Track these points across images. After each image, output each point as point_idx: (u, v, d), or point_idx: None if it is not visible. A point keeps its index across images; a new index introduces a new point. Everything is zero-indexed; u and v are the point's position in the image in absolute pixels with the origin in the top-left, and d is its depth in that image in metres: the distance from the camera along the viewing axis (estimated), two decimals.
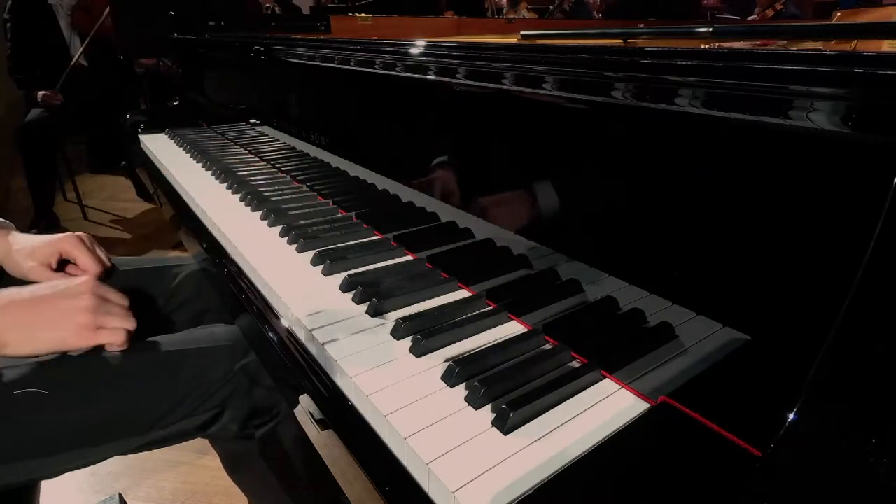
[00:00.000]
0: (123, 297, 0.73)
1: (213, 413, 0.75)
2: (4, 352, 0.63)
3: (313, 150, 1.14)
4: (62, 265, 0.84)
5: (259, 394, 0.78)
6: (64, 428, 0.67)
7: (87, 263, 0.84)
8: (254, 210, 0.97)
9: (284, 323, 0.66)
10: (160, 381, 0.73)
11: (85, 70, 3.18)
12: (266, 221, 0.91)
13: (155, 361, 0.74)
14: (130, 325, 0.71)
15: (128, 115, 1.78)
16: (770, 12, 2.90)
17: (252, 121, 1.48)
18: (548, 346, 0.56)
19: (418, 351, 0.55)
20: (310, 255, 0.77)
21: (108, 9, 3.03)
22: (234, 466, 0.94)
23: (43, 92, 2.99)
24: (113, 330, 0.69)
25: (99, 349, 0.71)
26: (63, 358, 0.69)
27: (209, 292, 0.97)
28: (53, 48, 3.08)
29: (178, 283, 0.96)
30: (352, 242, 0.82)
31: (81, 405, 0.68)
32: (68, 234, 0.84)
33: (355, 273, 0.71)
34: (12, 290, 0.66)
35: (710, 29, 0.64)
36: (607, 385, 0.50)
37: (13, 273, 0.83)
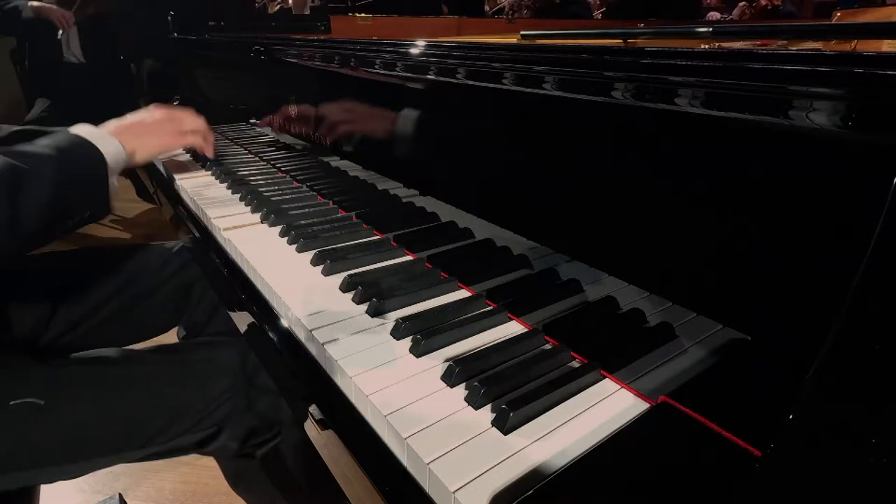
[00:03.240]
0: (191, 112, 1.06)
1: (210, 431, 0.75)
2: (134, 158, 0.88)
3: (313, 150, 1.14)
4: None
5: (260, 412, 0.78)
6: (59, 440, 0.66)
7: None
8: (254, 210, 0.97)
9: (284, 323, 0.66)
10: (158, 396, 0.73)
11: (82, 68, 3.16)
12: (266, 222, 0.91)
13: (153, 375, 0.75)
14: (201, 125, 1.06)
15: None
16: (764, 1, 2.86)
17: (252, 121, 1.48)
18: (548, 346, 0.56)
19: (418, 351, 0.55)
20: (310, 255, 0.77)
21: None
22: (236, 480, 0.94)
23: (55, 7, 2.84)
24: (194, 133, 1.04)
25: (98, 357, 0.74)
26: (60, 367, 0.70)
27: (195, 266, 1.03)
28: (48, 46, 3.07)
29: (166, 259, 1.02)
30: (352, 242, 0.82)
31: (77, 417, 0.68)
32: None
33: (355, 273, 0.71)
34: (113, 121, 0.92)
35: (710, 29, 0.64)
36: (607, 385, 0.50)
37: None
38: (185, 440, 0.74)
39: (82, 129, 0.81)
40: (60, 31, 2.99)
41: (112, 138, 0.82)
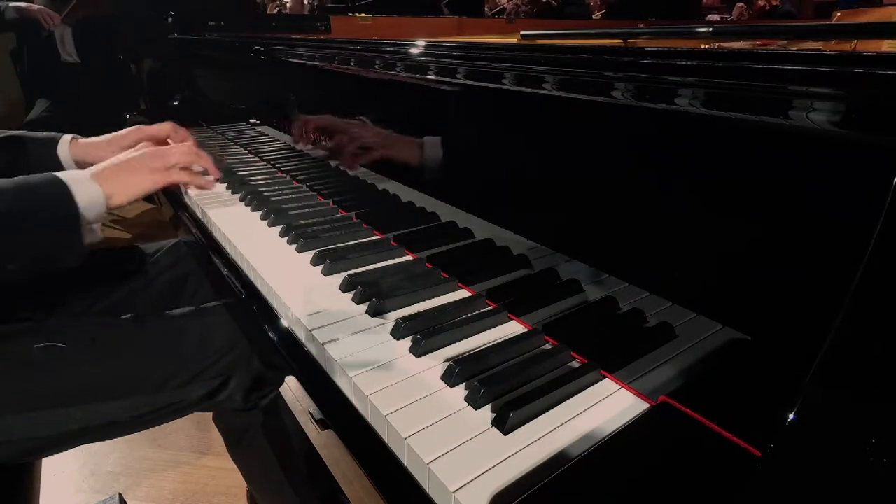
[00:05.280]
0: (182, 145, 0.94)
1: (219, 380, 0.78)
2: (112, 201, 0.79)
3: (313, 150, 1.14)
4: None
5: (261, 362, 0.80)
6: (78, 380, 0.71)
7: (156, 129, 1.03)
8: (254, 210, 0.97)
9: (284, 323, 0.66)
10: (167, 342, 0.78)
11: (79, 68, 3.15)
12: (266, 221, 0.91)
13: (161, 327, 0.80)
14: (189, 156, 0.91)
15: (128, 115, 1.78)
16: (762, 1, 2.86)
17: (252, 121, 1.48)
18: (548, 346, 0.56)
19: (418, 351, 0.55)
20: (310, 255, 0.77)
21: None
22: (236, 442, 0.96)
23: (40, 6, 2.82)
24: (179, 169, 0.89)
25: (114, 313, 0.81)
26: (79, 318, 0.78)
27: (189, 259, 1.04)
28: (45, 47, 3.06)
29: (161, 255, 1.04)
30: (352, 242, 0.82)
31: (94, 360, 0.73)
32: (134, 127, 1.03)
33: (355, 273, 0.71)
34: (94, 166, 0.83)
35: (710, 29, 0.64)
36: (607, 385, 0.50)
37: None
38: (194, 390, 0.77)
39: (68, 174, 0.77)
40: (54, 30, 2.98)
41: (92, 182, 0.77)
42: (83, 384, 0.71)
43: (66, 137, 1.00)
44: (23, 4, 2.82)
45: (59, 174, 0.75)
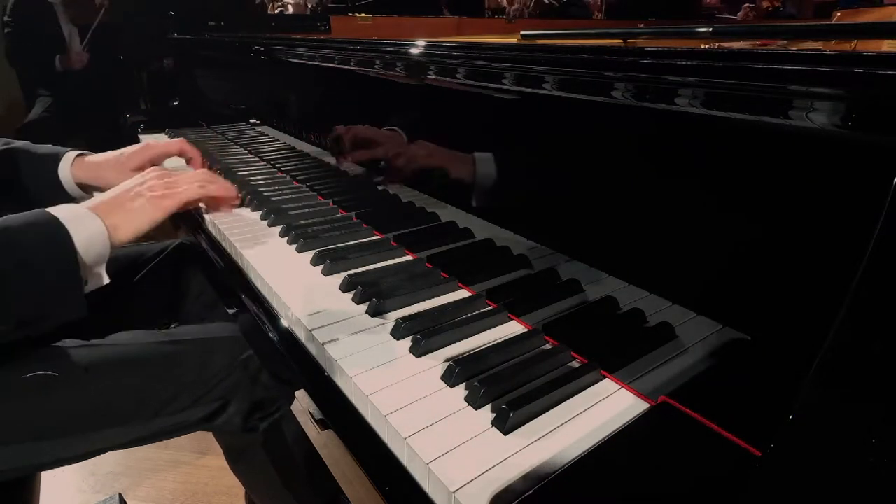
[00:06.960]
0: (195, 173, 0.86)
1: (217, 404, 0.76)
2: (117, 234, 0.71)
3: (313, 150, 1.14)
4: None
5: (262, 386, 0.79)
6: (72, 409, 0.68)
7: (165, 147, 0.99)
8: (254, 210, 0.97)
9: (284, 323, 0.66)
10: (163, 368, 0.75)
11: (83, 68, 3.17)
12: (266, 221, 0.91)
13: (157, 349, 0.77)
14: (202, 177, 0.85)
15: (128, 115, 1.78)
16: (766, 3, 2.86)
17: (252, 121, 1.48)
18: (548, 346, 0.56)
19: (418, 351, 0.55)
20: (310, 255, 0.77)
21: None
22: (237, 458, 0.95)
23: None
24: (187, 188, 0.81)
25: (117, 320, 0.78)
26: (71, 344, 0.72)
27: (192, 263, 1.02)
28: (51, 44, 3.07)
29: (164, 257, 1.01)
30: (352, 242, 0.82)
31: (88, 388, 0.70)
32: (143, 144, 0.98)
33: (355, 273, 0.71)
34: (98, 195, 0.77)
35: (710, 29, 0.64)
36: (607, 385, 0.50)
37: (105, 187, 0.91)
38: (192, 414, 0.75)
39: (62, 209, 0.66)
40: (63, 31, 3.00)
41: (92, 216, 0.67)
42: (77, 414, 0.68)
43: (71, 154, 0.94)
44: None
45: (50, 210, 0.64)
